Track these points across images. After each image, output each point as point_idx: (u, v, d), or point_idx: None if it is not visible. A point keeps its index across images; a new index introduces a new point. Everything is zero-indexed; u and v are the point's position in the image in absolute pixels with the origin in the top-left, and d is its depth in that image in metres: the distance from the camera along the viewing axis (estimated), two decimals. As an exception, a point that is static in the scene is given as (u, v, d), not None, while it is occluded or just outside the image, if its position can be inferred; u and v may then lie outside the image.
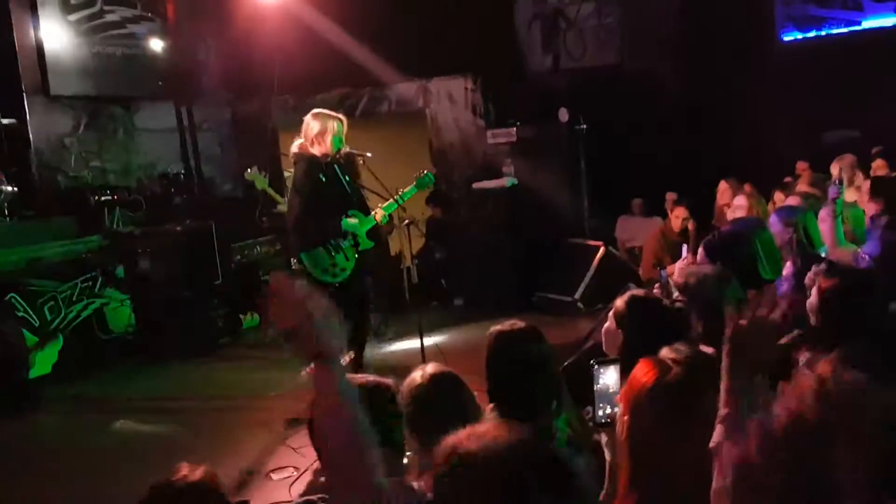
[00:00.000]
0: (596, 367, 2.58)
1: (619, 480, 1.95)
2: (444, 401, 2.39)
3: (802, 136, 8.62)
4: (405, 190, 5.34)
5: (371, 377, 2.44)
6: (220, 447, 4.86)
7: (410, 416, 2.33)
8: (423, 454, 2.24)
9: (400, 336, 6.93)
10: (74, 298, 6.81)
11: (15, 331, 6.02)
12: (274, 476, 4.35)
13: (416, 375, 2.46)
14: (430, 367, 2.51)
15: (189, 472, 1.97)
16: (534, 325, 2.81)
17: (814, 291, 2.77)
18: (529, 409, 2.57)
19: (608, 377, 2.60)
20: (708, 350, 2.92)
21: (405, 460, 2.35)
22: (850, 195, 5.46)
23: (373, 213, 5.26)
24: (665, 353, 1.98)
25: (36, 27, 7.75)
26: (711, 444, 1.73)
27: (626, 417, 1.95)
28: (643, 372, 1.95)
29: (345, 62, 8.88)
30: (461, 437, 1.34)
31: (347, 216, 5.18)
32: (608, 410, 2.51)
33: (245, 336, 7.80)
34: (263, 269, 8.41)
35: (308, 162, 5.13)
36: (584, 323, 6.63)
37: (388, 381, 2.40)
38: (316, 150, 5.13)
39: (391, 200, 5.30)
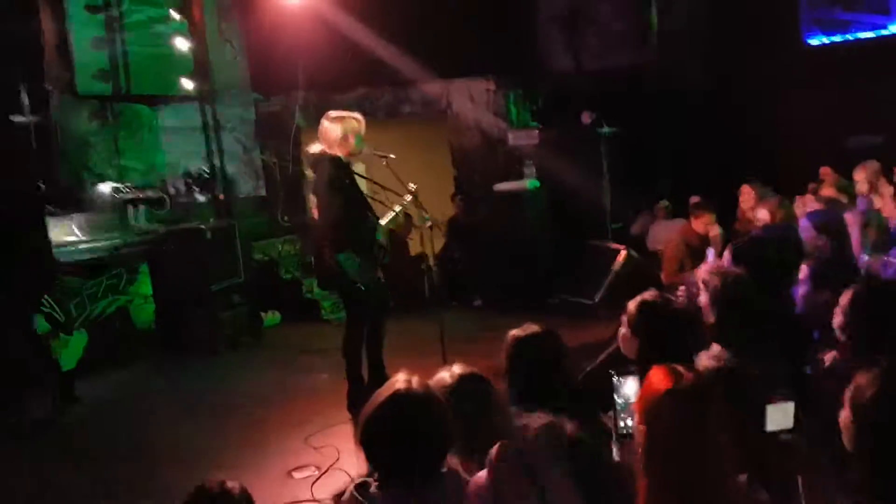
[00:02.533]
0: (616, 378, 2.57)
1: (638, 492, 1.95)
2: (474, 399, 2.39)
3: (826, 140, 8.54)
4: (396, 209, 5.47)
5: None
6: (241, 446, 4.88)
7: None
8: (459, 450, 2.24)
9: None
10: (100, 295, 6.90)
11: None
12: (296, 475, 4.37)
13: (445, 376, 2.47)
14: (458, 368, 2.51)
15: (227, 483, 1.99)
16: (550, 328, 2.81)
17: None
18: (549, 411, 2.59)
19: (628, 388, 2.60)
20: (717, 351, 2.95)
21: None
22: (875, 202, 5.41)
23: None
24: (703, 361, 1.99)
25: (62, 25, 7.83)
26: None
27: (641, 427, 1.95)
28: (657, 380, 1.96)
29: (367, 62, 8.90)
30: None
31: (372, 216, 5.23)
32: (629, 422, 2.50)
33: (266, 335, 7.85)
34: (284, 268, 8.47)
35: (333, 162, 5.09)
36: (603, 326, 6.59)
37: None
38: (339, 152, 5.12)
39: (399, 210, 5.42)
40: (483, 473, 2.06)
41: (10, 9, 6.79)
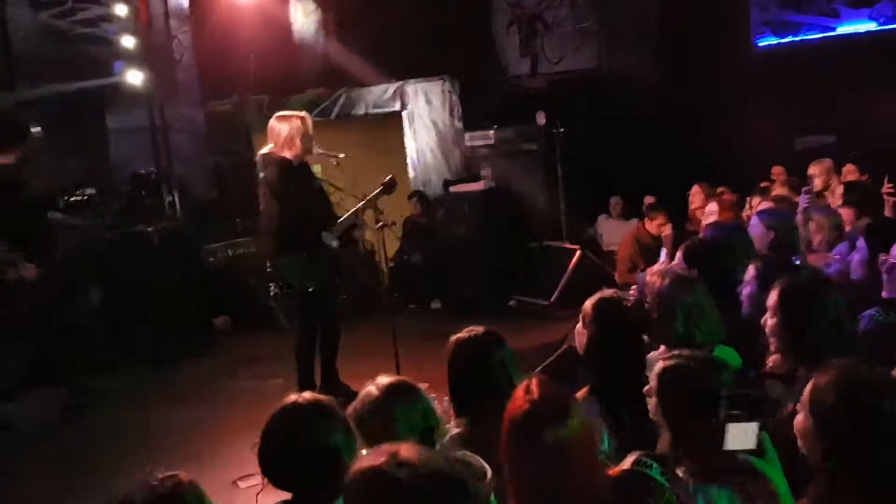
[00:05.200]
0: None
1: None
2: (400, 411, 2.33)
3: (778, 140, 8.66)
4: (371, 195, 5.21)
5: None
6: (185, 454, 4.74)
7: (370, 430, 2.26)
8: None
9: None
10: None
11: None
12: (241, 484, 4.25)
13: (371, 388, 2.39)
14: (384, 378, 2.44)
15: (167, 479, 1.83)
16: (493, 330, 2.77)
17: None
18: (490, 417, 2.53)
19: None
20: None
21: None
22: (828, 200, 5.47)
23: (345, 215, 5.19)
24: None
25: (4, 23, 7.59)
26: None
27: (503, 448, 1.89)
28: (515, 397, 1.87)
29: (320, 63, 8.80)
30: None
31: (324, 219, 5.11)
32: None
33: (216, 340, 7.66)
34: (236, 272, 8.28)
35: (280, 165, 5.03)
36: (560, 326, 6.59)
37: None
38: (287, 154, 5.05)
39: (362, 204, 5.17)
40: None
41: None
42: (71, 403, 5.78)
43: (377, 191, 5.15)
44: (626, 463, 1.94)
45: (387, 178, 5.21)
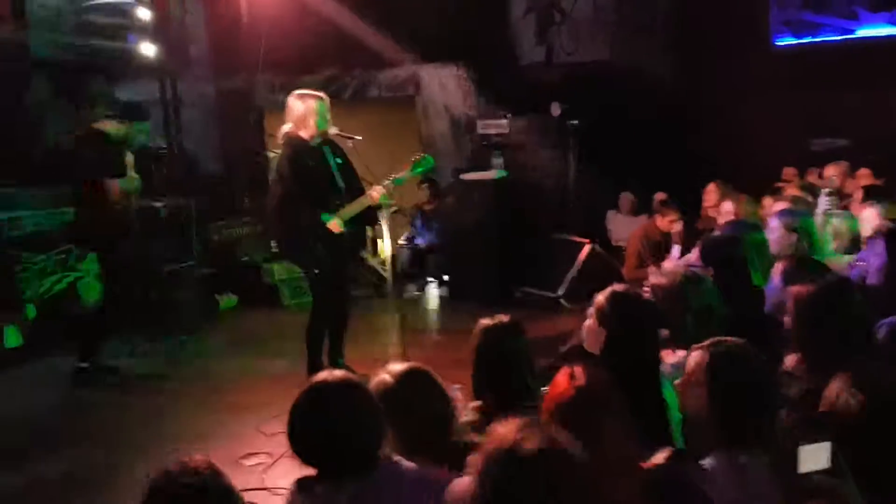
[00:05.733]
0: None
1: None
2: (418, 399, 2.33)
3: (792, 141, 8.61)
4: (401, 175, 5.19)
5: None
6: (191, 431, 4.73)
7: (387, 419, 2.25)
8: (407, 451, 2.16)
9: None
10: (48, 271, 6.63)
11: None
12: (246, 462, 4.24)
13: (385, 377, 2.37)
14: (398, 366, 2.43)
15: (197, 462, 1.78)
16: (517, 321, 2.81)
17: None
18: (512, 403, 2.53)
19: None
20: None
21: None
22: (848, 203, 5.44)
23: (367, 194, 5.12)
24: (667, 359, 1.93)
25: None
26: None
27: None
28: (559, 382, 1.93)
29: (335, 43, 8.72)
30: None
31: (332, 202, 5.06)
32: None
33: (221, 318, 7.65)
34: (243, 251, 8.26)
35: (293, 146, 5.03)
36: (565, 320, 6.58)
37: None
38: (304, 133, 5.03)
39: (392, 180, 5.11)
40: (466, 480, 1.97)
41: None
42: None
43: (405, 172, 5.14)
44: (659, 458, 1.94)
45: (417, 158, 5.19)
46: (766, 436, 2.04)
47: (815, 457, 1.95)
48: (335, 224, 5.00)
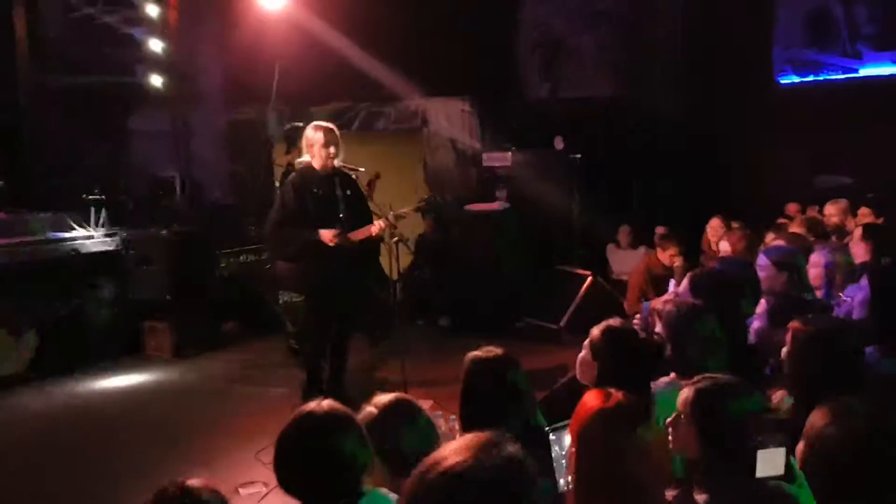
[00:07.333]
0: (550, 434, 2.43)
1: None
2: (403, 429, 2.33)
3: (795, 178, 8.65)
4: (403, 211, 5.35)
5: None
6: (189, 459, 4.76)
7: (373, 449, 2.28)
8: (393, 482, 2.19)
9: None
10: (56, 294, 6.73)
11: None
12: (242, 491, 4.26)
13: (370, 408, 2.39)
14: (384, 397, 2.44)
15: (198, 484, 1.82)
16: (509, 352, 2.75)
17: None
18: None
19: (564, 442, 2.40)
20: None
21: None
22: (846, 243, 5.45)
23: (367, 227, 5.20)
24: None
25: (36, 23, 7.72)
26: None
27: (574, 449, 1.93)
28: (589, 399, 1.96)
29: (344, 76, 8.87)
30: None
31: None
32: (568, 479, 2.38)
33: (225, 345, 7.70)
34: (248, 278, 8.32)
35: (302, 173, 5.19)
36: (568, 351, 6.57)
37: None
38: (316, 163, 5.15)
39: (394, 216, 5.25)
40: None
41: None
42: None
43: (410, 208, 5.34)
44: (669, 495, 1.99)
45: (426, 198, 5.33)
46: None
47: (771, 462, 1.99)
48: (329, 236, 5.04)
